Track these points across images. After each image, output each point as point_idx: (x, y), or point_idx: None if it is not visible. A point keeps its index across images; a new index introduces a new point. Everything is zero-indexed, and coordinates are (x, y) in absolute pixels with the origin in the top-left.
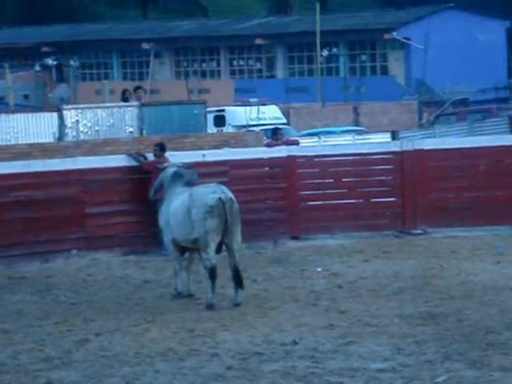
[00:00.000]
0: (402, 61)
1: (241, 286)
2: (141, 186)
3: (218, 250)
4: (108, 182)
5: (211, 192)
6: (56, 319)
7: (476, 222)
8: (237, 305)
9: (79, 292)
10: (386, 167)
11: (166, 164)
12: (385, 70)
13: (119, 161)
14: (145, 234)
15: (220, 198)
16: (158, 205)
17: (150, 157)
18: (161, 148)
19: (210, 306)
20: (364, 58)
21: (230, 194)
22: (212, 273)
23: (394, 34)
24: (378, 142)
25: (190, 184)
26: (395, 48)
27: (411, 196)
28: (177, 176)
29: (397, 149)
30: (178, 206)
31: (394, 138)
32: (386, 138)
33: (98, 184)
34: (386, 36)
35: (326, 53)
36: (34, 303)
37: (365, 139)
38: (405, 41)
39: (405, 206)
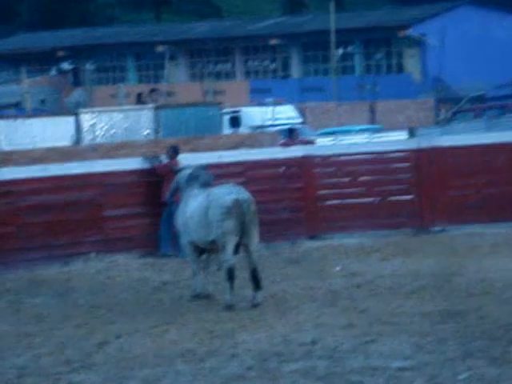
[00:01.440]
0: (417, 58)
1: (259, 287)
2: (158, 189)
3: (236, 251)
4: (125, 184)
5: (228, 193)
6: (76, 322)
7: (495, 219)
8: (256, 305)
9: (98, 295)
10: (403, 165)
11: (181, 166)
12: (400, 68)
13: (136, 163)
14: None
15: (237, 199)
16: (170, 207)
17: (165, 160)
18: (174, 150)
19: (228, 307)
20: (379, 55)
21: (247, 195)
22: (230, 274)
23: (410, 31)
24: (395, 139)
25: (206, 185)
26: (411, 45)
27: (429, 193)
28: (192, 178)
29: (414, 146)
30: (195, 208)
31: (411, 135)
32: (402, 135)
33: (116, 187)
34: (401, 33)
35: (340, 51)
36: (54, 306)
37: (381, 137)
38: (420, 38)
39: (423, 204)
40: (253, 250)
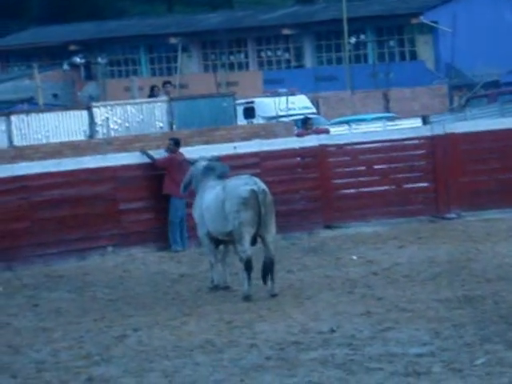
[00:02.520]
0: (430, 45)
1: (272, 278)
2: (160, 182)
3: (253, 242)
4: (140, 177)
5: (244, 184)
6: (94, 316)
7: (510, 204)
8: (273, 295)
9: (116, 288)
10: (418, 152)
11: (188, 158)
12: (413, 55)
13: (157, 155)
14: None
15: (253, 190)
16: (174, 201)
17: (157, 154)
18: (175, 142)
19: (246, 298)
20: (392, 43)
21: (263, 186)
22: (247, 265)
23: (422, 18)
24: (409, 127)
25: (222, 177)
26: (423, 32)
27: (444, 180)
28: (208, 169)
29: (428, 133)
30: (212, 200)
31: (425, 122)
32: (416, 123)
33: (131, 180)
34: (414, 20)
35: (353, 40)
36: (72, 301)
37: (395, 125)
38: (433, 24)
39: (438, 191)
40: (270, 241)
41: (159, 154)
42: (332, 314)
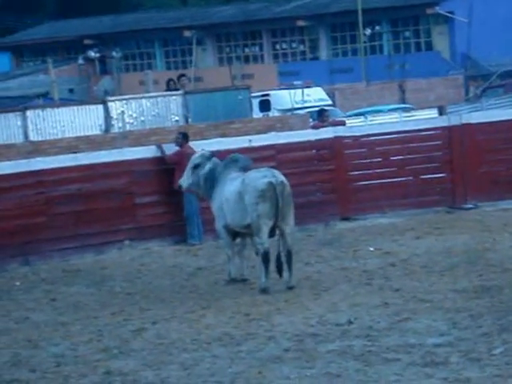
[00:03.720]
0: (446, 35)
1: (290, 270)
2: (171, 176)
3: (272, 234)
4: (156, 171)
5: (262, 176)
6: (112, 310)
7: None
8: (291, 288)
9: (134, 282)
10: (434, 143)
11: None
12: (429, 46)
13: (167, 150)
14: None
15: (271, 182)
16: (185, 195)
17: (169, 148)
18: (184, 136)
19: (263, 290)
20: (407, 34)
21: (282, 178)
22: (265, 257)
23: (437, 8)
24: (425, 118)
25: (244, 169)
26: (439, 23)
27: (461, 171)
28: (231, 162)
29: (444, 124)
30: (232, 192)
31: (441, 113)
32: (433, 113)
33: (147, 174)
34: (429, 11)
35: (368, 31)
36: (90, 295)
37: (412, 116)
38: (448, 15)
39: (455, 181)
40: (288, 233)
41: (171, 148)
42: (349, 305)
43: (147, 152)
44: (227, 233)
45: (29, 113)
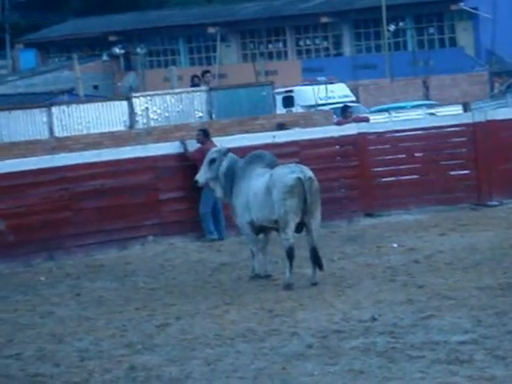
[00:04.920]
0: (470, 31)
1: (320, 267)
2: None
3: (299, 230)
4: (180, 167)
5: (290, 172)
6: (136, 305)
7: None
8: (314, 284)
9: (157, 277)
10: (459, 140)
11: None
12: (453, 42)
13: (190, 146)
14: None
15: (299, 178)
16: (205, 191)
17: (191, 145)
18: (204, 133)
19: (287, 286)
20: (432, 30)
21: (310, 173)
22: (290, 253)
23: (461, 4)
24: (450, 114)
25: (271, 165)
26: (463, 18)
27: (485, 167)
28: (256, 158)
29: (469, 121)
30: (260, 187)
31: (465, 109)
32: (457, 110)
33: (171, 170)
34: (453, 7)
35: (392, 27)
36: (114, 290)
37: (436, 112)
38: (472, 11)
39: (479, 178)
40: (314, 229)
41: (193, 145)
42: (373, 302)
43: (171, 148)
44: (251, 228)
45: (54, 109)
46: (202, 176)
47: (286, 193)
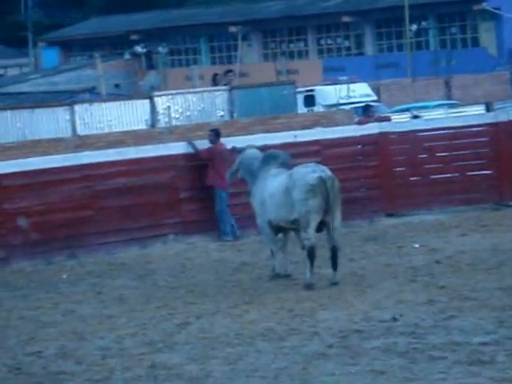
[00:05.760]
0: (493, 31)
1: (335, 266)
2: (204, 173)
3: (319, 229)
4: (201, 166)
5: (311, 171)
6: (157, 303)
7: None
8: (335, 283)
9: (178, 276)
10: (481, 139)
11: (244, 146)
12: (476, 42)
13: (202, 146)
14: (239, 217)
15: (321, 177)
16: (220, 192)
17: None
18: (216, 133)
19: (308, 286)
20: (454, 30)
21: (331, 173)
22: (311, 252)
23: (484, 4)
24: (472, 114)
25: (285, 165)
26: (486, 19)
27: (508, 167)
28: (270, 157)
29: (491, 120)
30: (277, 187)
31: (488, 109)
32: (479, 110)
33: (192, 169)
34: (476, 7)
35: (414, 27)
36: (135, 288)
37: (458, 112)
38: (495, 11)
39: (501, 178)
40: (335, 228)
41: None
42: (394, 302)
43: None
44: (270, 228)
45: (77, 107)
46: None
47: (308, 192)
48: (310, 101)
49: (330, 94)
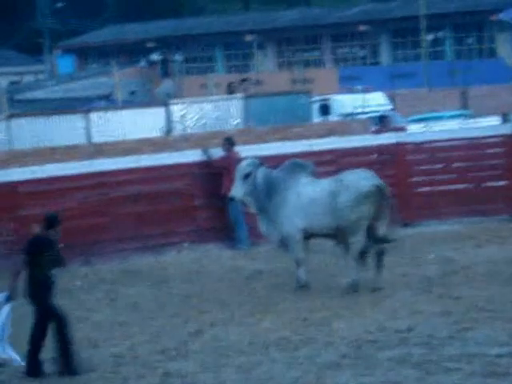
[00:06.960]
0: (510, 42)
1: (379, 270)
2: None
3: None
4: (216, 174)
5: (364, 178)
6: (171, 311)
7: None
8: (378, 289)
9: (193, 284)
10: (497, 150)
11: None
12: (493, 53)
13: (216, 155)
14: (253, 226)
15: (375, 184)
16: (228, 201)
17: (215, 153)
18: (230, 142)
19: (353, 286)
20: (470, 40)
21: (382, 180)
22: (362, 255)
23: (501, 15)
24: (488, 125)
25: (314, 174)
26: (503, 29)
27: None
28: (297, 167)
29: (507, 132)
30: (317, 195)
31: (505, 120)
32: (495, 121)
33: (207, 177)
34: (493, 17)
35: (431, 37)
36: (149, 296)
37: (474, 123)
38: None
39: None
40: (382, 233)
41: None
42: (409, 312)
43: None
44: (301, 237)
45: (92, 115)
46: (238, 191)
47: (360, 198)
48: (325, 110)
49: (345, 103)
